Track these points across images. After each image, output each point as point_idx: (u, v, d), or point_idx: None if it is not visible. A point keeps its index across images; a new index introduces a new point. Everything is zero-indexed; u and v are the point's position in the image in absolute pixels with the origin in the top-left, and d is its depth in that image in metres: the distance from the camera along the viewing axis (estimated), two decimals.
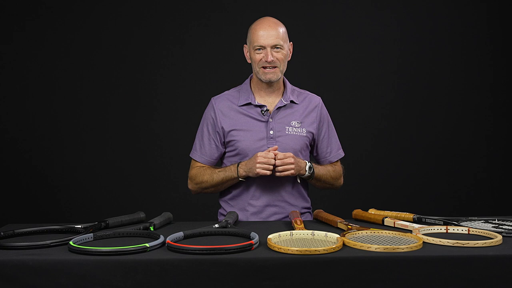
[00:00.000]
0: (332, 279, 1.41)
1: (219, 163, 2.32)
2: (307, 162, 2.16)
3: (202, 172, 2.23)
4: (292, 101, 2.24)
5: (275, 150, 2.07)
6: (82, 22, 3.70)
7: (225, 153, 2.27)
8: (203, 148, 2.25)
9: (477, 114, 3.83)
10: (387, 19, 3.80)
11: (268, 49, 2.13)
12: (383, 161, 3.79)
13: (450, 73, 3.83)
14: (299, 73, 3.55)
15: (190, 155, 2.29)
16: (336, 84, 3.76)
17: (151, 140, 3.75)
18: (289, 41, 2.23)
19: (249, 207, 2.20)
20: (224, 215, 2.26)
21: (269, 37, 2.12)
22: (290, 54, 2.24)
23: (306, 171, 2.14)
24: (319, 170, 2.20)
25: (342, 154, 2.34)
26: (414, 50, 3.81)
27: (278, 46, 2.14)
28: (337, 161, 2.34)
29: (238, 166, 2.14)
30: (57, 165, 3.69)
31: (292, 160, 2.06)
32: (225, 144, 2.24)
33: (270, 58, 2.12)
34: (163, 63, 3.76)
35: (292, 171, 2.07)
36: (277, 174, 2.07)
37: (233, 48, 3.74)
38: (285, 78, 2.29)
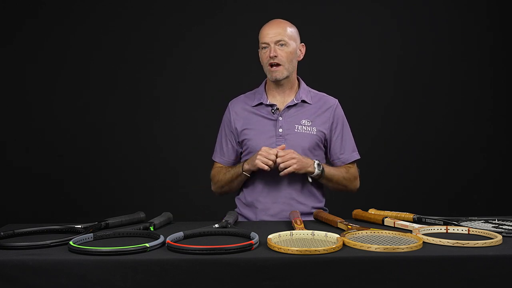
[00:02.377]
0: (332, 279, 1.41)
1: (238, 163, 2.35)
2: (314, 160, 2.15)
3: (218, 172, 2.31)
4: (303, 101, 2.26)
5: (282, 149, 2.08)
6: (83, 22, 3.70)
7: (241, 152, 2.31)
8: (222, 149, 2.34)
9: (477, 114, 3.83)
10: (387, 19, 3.80)
11: (272, 45, 2.17)
12: (383, 161, 3.79)
13: (450, 73, 3.83)
14: (298, 73, 3.55)
15: (212, 157, 2.37)
16: (336, 84, 3.75)
17: (151, 140, 3.75)
18: (301, 42, 2.26)
19: (258, 203, 2.22)
20: (239, 214, 2.30)
21: (272, 34, 2.17)
22: (302, 55, 2.28)
23: (314, 168, 2.12)
24: (330, 169, 2.19)
25: (357, 157, 2.31)
26: (414, 50, 3.81)
27: (282, 43, 2.17)
28: (353, 164, 2.31)
29: (245, 161, 2.18)
30: (57, 166, 3.69)
31: (293, 155, 2.06)
32: (240, 143, 2.29)
33: (272, 53, 2.15)
34: (164, 64, 3.76)
35: (295, 166, 2.06)
36: (281, 174, 2.08)
37: (234, 49, 3.75)
38: (300, 79, 2.33)
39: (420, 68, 3.82)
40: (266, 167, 2.06)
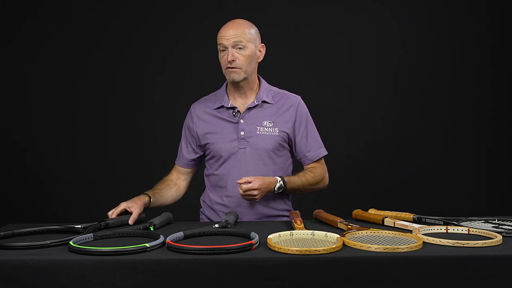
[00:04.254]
0: (332, 279, 1.41)
1: (201, 166, 2.38)
2: (278, 180, 2.12)
3: (163, 181, 2.35)
4: (264, 101, 2.22)
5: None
6: (83, 22, 3.69)
7: (205, 156, 2.32)
8: (181, 151, 2.35)
9: (477, 114, 3.83)
10: (387, 19, 3.80)
11: (230, 48, 2.11)
12: (383, 161, 3.79)
13: (450, 73, 3.83)
14: (298, 73, 3.55)
15: (175, 162, 2.40)
16: (336, 84, 3.76)
17: (150, 140, 3.75)
18: (261, 43, 2.20)
19: (222, 207, 2.21)
20: (204, 214, 2.31)
21: (230, 36, 2.11)
22: (262, 56, 2.21)
23: (275, 191, 2.11)
24: (294, 183, 2.16)
25: (324, 153, 2.28)
26: (414, 50, 3.81)
27: (239, 46, 2.11)
28: (320, 160, 2.29)
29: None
30: (57, 166, 3.69)
31: (255, 192, 2.02)
32: (202, 147, 2.29)
33: (230, 58, 2.10)
34: (164, 64, 3.75)
35: (256, 199, 2.05)
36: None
37: None
38: (261, 78, 2.28)
39: (420, 68, 3.82)
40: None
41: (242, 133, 2.18)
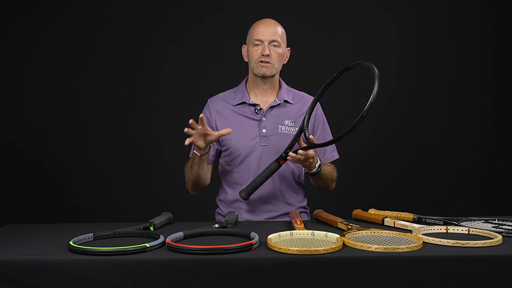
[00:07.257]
0: (332, 279, 1.41)
1: (216, 163, 2.35)
2: (318, 160, 2.12)
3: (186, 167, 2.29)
4: (286, 101, 2.26)
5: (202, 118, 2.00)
6: (83, 21, 3.69)
7: (221, 152, 2.29)
8: None
9: (477, 114, 3.83)
10: (387, 19, 3.80)
11: (266, 43, 2.18)
12: (383, 161, 3.79)
13: (450, 73, 3.83)
14: (298, 73, 3.55)
15: (189, 156, 2.33)
16: (335, 84, 3.74)
17: (151, 140, 3.75)
18: (287, 46, 2.27)
19: (241, 203, 2.20)
20: (221, 215, 2.29)
21: (268, 33, 2.19)
22: (287, 59, 2.29)
23: (315, 167, 2.10)
24: (324, 168, 2.18)
25: (337, 156, 2.33)
26: (414, 50, 3.81)
27: (275, 44, 2.19)
28: (332, 164, 2.32)
29: None
30: (58, 165, 3.68)
31: (311, 160, 2.03)
32: (219, 142, 2.27)
33: (266, 52, 2.16)
34: (163, 65, 3.75)
35: (308, 164, 2.04)
36: (291, 160, 2.01)
37: (233, 49, 3.75)
38: (281, 79, 2.32)
39: (420, 67, 3.82)
40: (192, 138, 2.01)
41: (264, 130, 2.21)
